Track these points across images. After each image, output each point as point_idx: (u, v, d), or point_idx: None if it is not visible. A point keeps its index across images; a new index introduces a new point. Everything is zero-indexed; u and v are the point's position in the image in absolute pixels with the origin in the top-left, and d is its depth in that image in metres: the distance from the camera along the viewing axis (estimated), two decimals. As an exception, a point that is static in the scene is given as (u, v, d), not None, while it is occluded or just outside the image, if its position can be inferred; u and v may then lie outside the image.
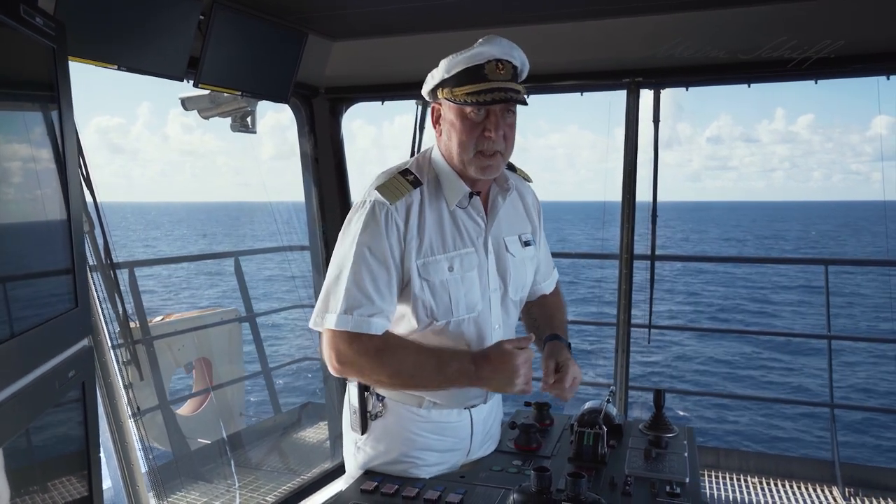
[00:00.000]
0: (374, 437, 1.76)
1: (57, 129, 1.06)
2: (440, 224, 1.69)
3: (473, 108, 1.60)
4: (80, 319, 1.12)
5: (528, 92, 3.41)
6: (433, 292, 1.65)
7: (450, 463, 1.82)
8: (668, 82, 3.22)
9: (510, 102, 1.60)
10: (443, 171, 1.72)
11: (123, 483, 2.39)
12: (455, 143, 1.66)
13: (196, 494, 3.81)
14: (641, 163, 3.32)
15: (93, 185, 2.58)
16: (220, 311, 5.06)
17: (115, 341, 2.51)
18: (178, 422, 4.36)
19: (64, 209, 1.08)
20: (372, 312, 1.59)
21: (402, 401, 1.73)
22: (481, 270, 1.73)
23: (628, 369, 3.33)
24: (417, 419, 1.75)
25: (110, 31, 2.35)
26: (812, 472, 3.90)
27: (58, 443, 1.14)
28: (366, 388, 1.74)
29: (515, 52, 1.66)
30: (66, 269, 1.08)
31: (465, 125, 1.63)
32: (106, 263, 2.56)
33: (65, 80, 1.07)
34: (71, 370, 1.05)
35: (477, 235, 1.73)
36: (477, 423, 1.84)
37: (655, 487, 1.61)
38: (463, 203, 1.71)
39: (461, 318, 1.70)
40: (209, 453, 4.30)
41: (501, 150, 1.66)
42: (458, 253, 1.69)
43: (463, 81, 1.59)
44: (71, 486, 1.15)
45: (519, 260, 1.83)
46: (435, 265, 1.65)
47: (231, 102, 3.69)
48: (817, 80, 3.01)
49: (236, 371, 5.06)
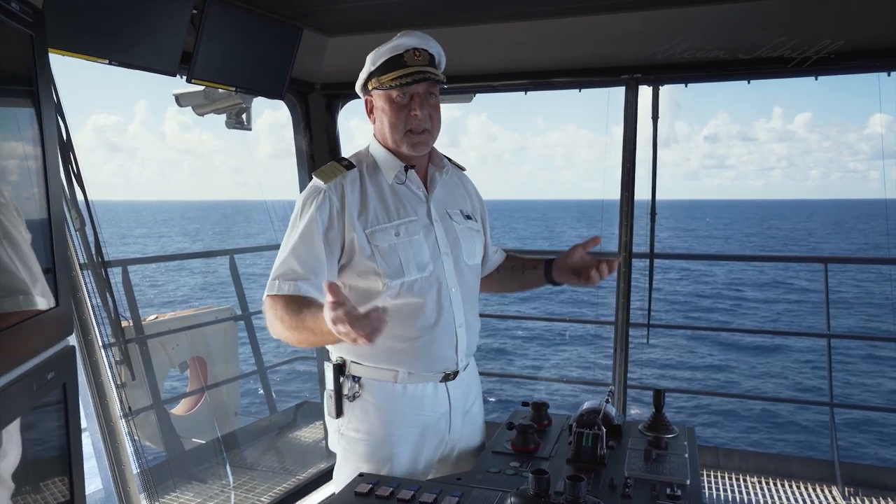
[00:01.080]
0: (355, 419, 1.86)
1: (36, 123, 1.02)
2: (382, 198, 1.87)
3: (398, 92, 1.81)
4: (61, 319, 1.08)
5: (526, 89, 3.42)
6: (383, 256, 1.81)
7: (434, 442, 1.90)
8: (668, 79, 3.19)
9: (428, 82, 1.80)
10: (379, 154, 1.93)
11: (114, 484, 2.35)
12: (387, 125, 1.86)
13: (190, 495, 3.77)
14: (641, 160, 3.29)
15: (84, 183, 2.54)
16: (214, 310, 5.01)
17: (106, 340, 2.47)
18: (172, 422, 4.32)
19: (45, 205, 1.04)
20: (298, 277, 1.74)
21: (378, 378, 1.85)
22: (428, 235, 1.88)
23: (627, 369, 3.30)
24: (394, 395, 1.85)
25: (101, 26, 2.31)
26: (812, 472, 3.88)
27: (38, 448, 1.10)
28: (341, 372, 1.86)
29: (431, 43, 1.86)
30: (47, 267, 1.03)
31: (393, 108, 1.84)
32: (97, 261, 2.51)
33: (44, 71, 1.02)
34: (50, 372, 1.01)
35: (419, 205, 1.91)
36: (455, 398, 1.93)
37: (656, 489, 1.58)
38: (400, 178, 1.90)
39: (414, 279, 1.83)
40: (203, 453, 4.26)
41: (428, 127, 1.86)
42: (402, 221, 1.86)
43: (386, 70, 1.80)
44: (51, 494, 1.10)
45: (464, 228, 1.99)
46: (382, 232, 1.82)
47: (226, 99, 3.65)
48: (817, 76, 2.98)
49: (231, 370, 5.02)
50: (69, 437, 1.09)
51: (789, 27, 2.71)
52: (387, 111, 1.85)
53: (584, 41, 3.14)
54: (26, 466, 1.03)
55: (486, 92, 3.66)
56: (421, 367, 1.85)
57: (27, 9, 0.95)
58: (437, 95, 1.87)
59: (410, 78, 1.78)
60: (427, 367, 1.86)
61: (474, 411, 2.05)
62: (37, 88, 1.01)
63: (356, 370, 1.86)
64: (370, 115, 1.93)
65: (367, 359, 1.85)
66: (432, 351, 1.85)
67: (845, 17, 2.67)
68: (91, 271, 2.51)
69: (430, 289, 1.85)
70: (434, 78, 1.81)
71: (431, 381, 1.88)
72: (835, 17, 2.69)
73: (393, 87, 1.79)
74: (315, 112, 3.73)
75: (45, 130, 1.03)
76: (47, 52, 1.07)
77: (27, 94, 1.01)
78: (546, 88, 3.48)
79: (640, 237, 3.33)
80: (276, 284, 1.75)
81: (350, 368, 1.86)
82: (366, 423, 1.85)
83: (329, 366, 1.88)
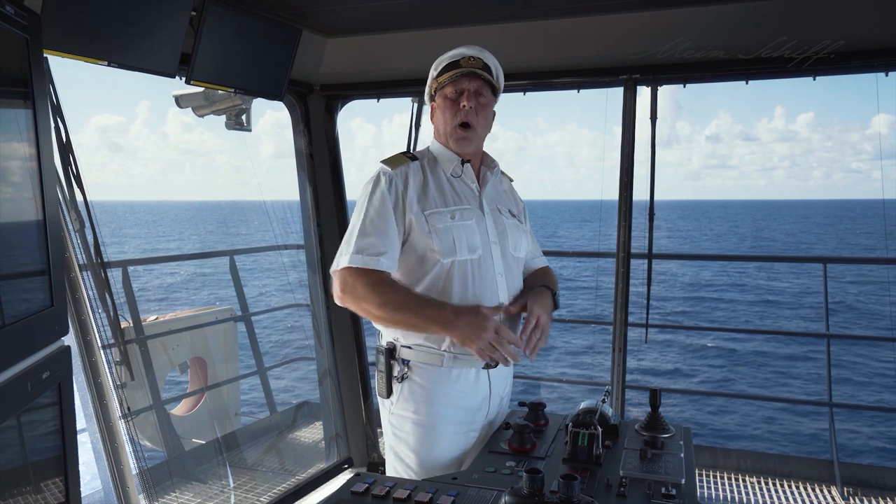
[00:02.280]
0: (402, 399, 2.01)
1: (31, 125, 1.02)
2: (440, 188, 2.06)
3: (451, 88, 2.02)
4: (56, 319, 1.09)
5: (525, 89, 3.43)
6: (438, 235, 1.97)
7: (473, 424, 2.05)
8: (666, 79, 3.19)
9: (479, 80, 2.01)
10: (438, 150, 2.13)
11: (113, 484, 2.36)
12: (441, 121, 2.08)
13: (190, 495, 3.78)
14: (642, 160, 3.30)
15: (83, 183, 2.55)
16: (215, 311, 5.02)
17: (105, 341, 2.48)
18: (172, 422, 4.33)
19: (40, 206, 1.05)
20: (378, 252, 1.92)
21: (425, 361, 1.99)
22: (479, 223, 2.05)
23: (625, 368, 3.30)
24: (439, 378, 1.99)
25: (100, 28, 2.31)
26: (811, 472, 3.88)
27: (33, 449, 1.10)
28: (391, 356, 2.02)
29: (487, 55, 2.06)
30: (42, 268, 1.04)
31: (446, 104, 2.06)
32: (96, 262, 2.53)
33: (40, 74, 1.03)
34: (45, 371, 1.02)
35: (472, 197, 2.10)
36: (495, 385, 2.08)
37: (651, 489, 1.58)
38: (457, 171, 2.09)
39: (465, 259, 1.99)
40: (203, 454, 4.27)
41: (473, 122, 2.04)
42: (457, 208, 2.04)
43: (443, 72, 2.05)
44: (48, 495, 1.10)
45: (512, 223, 2.16)
46: (439, 215, 2.00)
47: (225, 100, 3.66)
48: (816, 76, 2.98)
49: (231, 371, 5.03)
50: (64, 438, 1.10)
51: (789, 27, 2.71)
52: (441, 108, 2.07)
53: (582, 42, 3.14)
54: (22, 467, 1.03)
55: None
56: (466, 354, 1.96)
57: (22, 12, 0.96)
58: (487, 97, 2.06)
59: (461, 72, 2.00)
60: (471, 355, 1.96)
61: (506, 398, 2.21)
62: (32, 91, 1.02)
63: (405, 354, 2.01)
64: (432, 119, 2.15)
65: (416, 340, 2.00)
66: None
67: (845, 17, 2.67)
68: (90, 272, 2.52)
69: (479, 271, 2.00)
70: (484, 77, 2.01)
71: (474, 366, 2.01)
72: (835, 17, 2.68)
73: (446, 83, 2.02)
74: (314, 113, 3.74)
75: (41, 133, 1.04)
76: (42, 55, 1.08)
77: (23, 96, 1.02)
78: (544, 89, 3.48)
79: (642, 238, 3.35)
80: (361, 258, 1.91)
81: (400, 352, 2.02)
82: (412, 403, 2.00)
83: (381, 350, 2.04)
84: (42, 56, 1.08)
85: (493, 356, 1.90)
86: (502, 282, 2.06)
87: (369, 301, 1.92)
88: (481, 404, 2.07)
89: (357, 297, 1.93)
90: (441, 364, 1.98)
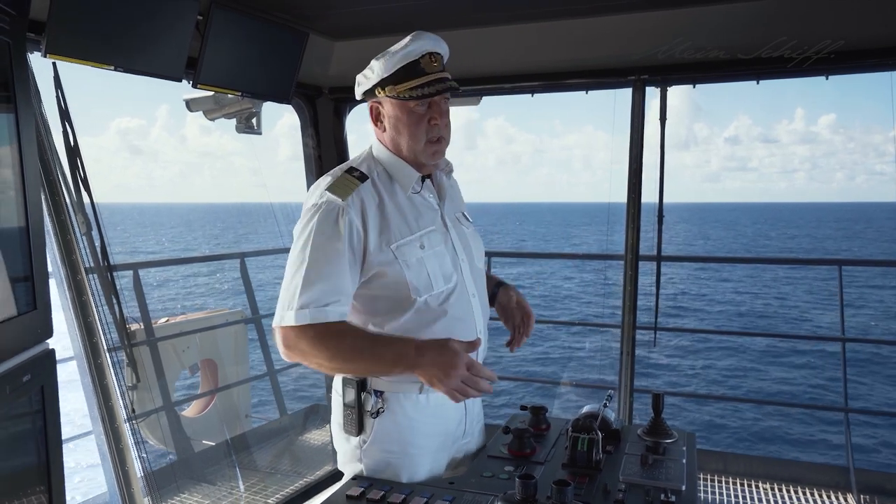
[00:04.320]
0: (380, 436, 1.78)
1: (13, 130, 1.02)
2: (400, 210, 1.80)
3: (417, 102, 1.73)
4: (38, 322, 1.09)
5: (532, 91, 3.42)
6: (412, 272, 1.74)
7: (450, 448, 1.90)
8: (674, 80, 3.17)
9: (448, 91, 1.76)
10: (391, 163, 1.84)
11: (118, 486, 2.37)
12: (406, 136, 1.79)
13: (199, 496, 3.80)
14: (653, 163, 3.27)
15: (90, 187, 2.57)
16: (225, 313, 5.05)
17: (111, 343, 2.49)
18: (183, 423, 4.35)
19: (22, 211, 1.05)
20: (326, 303, 1.66)
21: (402, 390, 1.78)
22: (447, 244, 1.85)
23: (633, 372, 3.27)
24: (418, 406, 1.80)
25: (106, 33, 2.33)
26: (825, 478, 3.81)
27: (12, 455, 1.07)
28: (362, 387, 1.78)
29: (441, 44, 1.81)
30: (25, 273, 1.04)
31: (412, 118, 1.76)
32: (103, 265, 2.54)
33: (22, 79, 1.03)
34: (26, 374, 1.01)
35: (434, 215, 1.86)
36: (469, 403, 1.91)
37: (650, 495, 1.55)
38: (416, 188, 1.84)
39: (440, 292, 1.78)
40: (214, 455, 4.29)
41: (445, 135, 1.82)
42: (424, 231, 1.80)
43: (403, 78, 1.72)
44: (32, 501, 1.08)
45: (471, 231, 1.99)
46: (408, 246, 1.75)
47: (235, 103, 3.68)
48: (828, 75, 2.94)
49: (242, 373, 5.05)
50: (48, 444, 1.09)
51: (790, 27, 2.69)
52: (404, 121, 1.77)
53: (590, 43, 3.12)
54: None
55: (492, 94, 3.66)
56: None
57: (4, 17, 0.96)
58: (448, 102, 1.84)
59: (434, 88, 1.72)
60: None
61: (481, 413, 2.07)
62: (14, 95, 1.02)
63: (379, 384, 1.78)
64: (376, 122, 1.85)
65: None
66: None
67: (845, 17, 2.64)
68: (97, 275, 2.54)
69: (455, 299, 1.81)
70: (454, 87, 1.77)
71: None
72: (835, 17, 2.65)
73: (414, 97, 1.72)
74: (323, 116, 3.75)
75: (23, 138, 1.04)
76: (26, 59, 1.08)
77: (4, 100, 1.02)
78: (552, 90, 3.46)
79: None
80: (306, 313, 1.64)
81: (372, 383, 1.79)
82: (390, 440, 1.78)
83: (348, 381, 1.80)
84: (26, 60, 1.09)
85: (466, 396, 1.63)
86: (476, 303, 1.88)
87: (318, 356, 1.67)
88: (458, 425, 1.92)
89: (304, 354, 1.68)
90: (420, 391, 1.78)
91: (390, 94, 1.74)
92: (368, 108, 1.87)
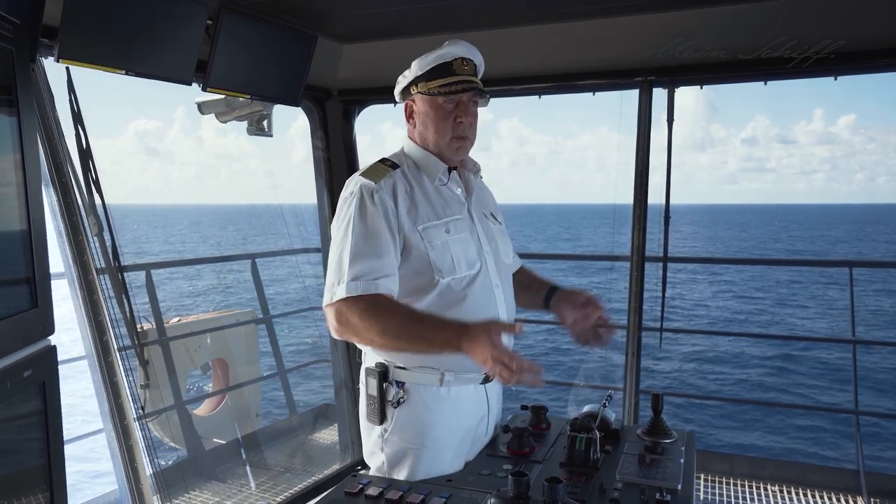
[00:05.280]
0: (400, 426, 1.85)
1: (16, 134, 1.06)
2: (428, 198, 1.91)
3: (446, 99, 1.87)
4: (39, 320, 1.12)
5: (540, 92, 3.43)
6: (436, 253, 1.84)
7: (473, 444, 1.93)
8: (681, 81, 3.17)
9: (475, 91, 1.88)
10: (419, 156, 1.98)
11: (128, 484, 2.42)
12: (432, 130, 1.92)
13: (209, 494, 3.85)
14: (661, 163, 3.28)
15: (101, 188, 2.62)
16: (236, 313, 5.11)
17: (122, 343, 2.54)
18: (194, 422, 4.41)
19: (25, 213, 1.08)
20: (377, 276, 1.74)
21: (423, 381, 1.85)
22: (472, 233, 1.95)
23: (639, 374, 3.27)
24: (438, 398, 1.86)
25: (117, 37, 2.37)
26: (834, 481, 3.79)
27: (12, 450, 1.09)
28: (384, 378, 1.86)
29: (475, 53, 1.95)
30: (27, 272, 1.08)
31: (439, 114, 1.90)
32: (114, 266, 2.59)
33: (26, 84, 1.07)
34: (27, 370, 1.05)
35: (461, 205, 1.98)
36: (492, 400, 1.99)
37: (645, 494, 1.57)
38: (443, 179, 1.96)
39: (464, 276, 1.86)
40: (224, 453, 4.34)
41: (470, 134, 1.94)
42: (450, 219, 1.91)
43: (435, 76, 1.87)
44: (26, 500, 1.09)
45: (498, 229, 2.09)
46: (434, 229, 1.86)
47: (246, 106, 3.72)
48: (837, 76, 2.93)
49: (253, 372, 5.10)
50: (49, 440, 1.11)
51: (789, 27, 2.69)
52: (432, 116, 1.91)
53: (597, 44, 3.13)
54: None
55: (498, 96, 3.67)
56: (466, 367, 1.81)
57: (6, 24, 1.00)
58: (478, 105, 1.95)
59: (460, 86, 1.85)
60: (472, 365, 1.77)
61: (500, 410, 2.10)
62: (17, 101, 1.06)
63: (400, 375, 1.85)
64: (409, 119, 1.99)
65: (414, 362, 1.85)
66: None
67: (846, 18, 2.63)
68: (108, 275, 2.59)
69: (478, 286, 1.88)
70: (480, 88, 1.90)
71: (472, 383, 1.91)
72: (835, 17, 2.65)
73: (441, 93, 1.86)
74: (332, 118, 3.79)
75: (26, 142, 1.08)
76: (29, 66, 1.12)
77: (7, 104, 1.05)
78: (559, 92, 3.48)
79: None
80: (359, 285, 1.72)
81: (394, 374, 1.86)
82: (411, 430, 1.84)
83: (371, 371, 1.88)
84: (29, 67, 1.12)
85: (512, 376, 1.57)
86: (500, 294, 1.94)
87: (368, 330, 1.72)
88: (480, 422, 1.96)
89: (355, 329, 1.74)
90: (440, 384, 1.85)
91: (422, 91, 1.89)
92: (404, 106, 2.01)
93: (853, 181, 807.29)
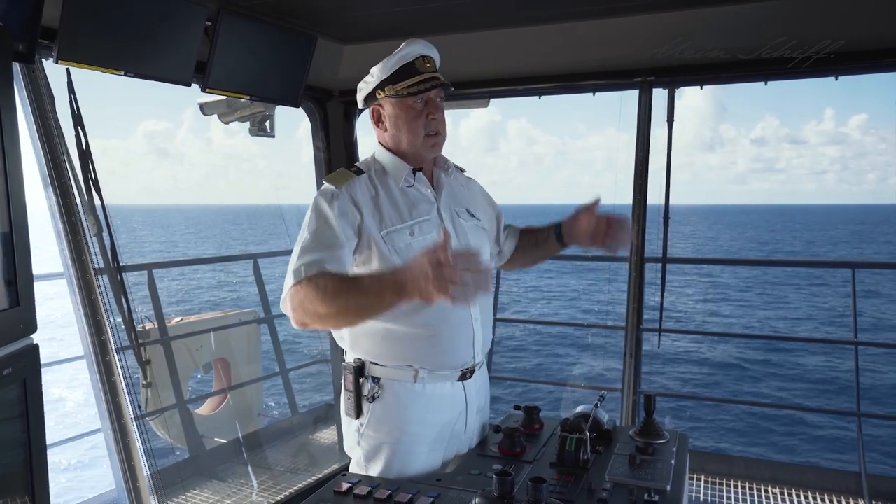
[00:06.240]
0: (374, 420, 1.89)
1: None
2: (393, 201, 1.92)
3: (416, 99, 1.88)
4: (21, 318, 1.13)
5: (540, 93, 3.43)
6: (400, 257, 1.84)
7: (450, 441, 1.95)
8: (681, 81, 3.17)
9: (442, 87, 1.89)
10: (386, 160, 1.98)
11: (125, 483, 2.43)
12: (405, 131, 1.92)
13: (209, 493, 3.86)
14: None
15: (101, 189, 2.64)
16: (238, 313, 5.13)
17: (120, 342, 2.56)
18: (195, 421, 4.43)
19: (6, 211, 1.09)
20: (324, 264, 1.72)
21: (398, 378, 1.87)
22: (440, 233, 1.88)
23: (638, 374, 3.27)
24: (413, 394, 1.88)
25: (116, 39, 2.39)
26: (836, 484, 3.77)
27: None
28: (360, 373, 1.89)
29: (432, 49, 1.95)
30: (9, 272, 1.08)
31: (410, 114, 1.90)
32: (112, 266, 2.61)
33: (6, 86, 1.08)
34: (7, 367, 1.06)
35: (430, 205, 1.97)
36: (470, 396, 1.97)
37: (633, 494, 1.57)
38: (409, 180, 1.95)
39: None
40: (224, 453, 4.36)
41: (442, 130, 1.95)
42: (415, 221, 1.91)
43: (400, 78, 1.87)
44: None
45: (472, 226, 2.05)
46: (398, 233, 1.87)
47: (248, 107, 3.74)
48: (837, 76, 2.93)
49: (254, 372, 5.12)
50: (30, 440, 1.11)
51: (789, 27, 2.68)
52: (403, 118, 1.91)
53: (597, 44, 3.14)
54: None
55: (500, 97, 3.69)
56: (440, 364, 1.88)
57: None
58: (444, 100, 1.97)
59: (428, 84, 1.86)
60: (446, 363, 1.89)
61: (484, 409, 2.10)
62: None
63: (376, 371, 1.89)
64: (377, 124, 1.99)
65: (387, 359, 1.88)
66: (451, 347, 1.89)
67: (845, 18, 2.63)
68: (107, 275, 2.61)
69: None
70: (446, 83, 1.90)
71: (449, 379, 1.91)
72: (835, 17, 2.64)
73: (411, 93, 1.86)
74: (333, 119, 3.80)
75: (7, 142, 1.09)
76: (11, 68, 1.13)
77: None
78: (559, 92, 3.48)
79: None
80: (302, 270, 1.72)
81: (369, 370, 1.89)
82: (386, 424, 1.88)
83: (348, 367, 1.91)
84: (10, 68, 1.13)
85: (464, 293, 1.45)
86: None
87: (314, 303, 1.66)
88: (458, 417, 1.96)
89: (306, 311, 1.69)
90: (414, 381, 1.87)
91: (390, 94, 1.88)
92: (370, 112, 1.99)
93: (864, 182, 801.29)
